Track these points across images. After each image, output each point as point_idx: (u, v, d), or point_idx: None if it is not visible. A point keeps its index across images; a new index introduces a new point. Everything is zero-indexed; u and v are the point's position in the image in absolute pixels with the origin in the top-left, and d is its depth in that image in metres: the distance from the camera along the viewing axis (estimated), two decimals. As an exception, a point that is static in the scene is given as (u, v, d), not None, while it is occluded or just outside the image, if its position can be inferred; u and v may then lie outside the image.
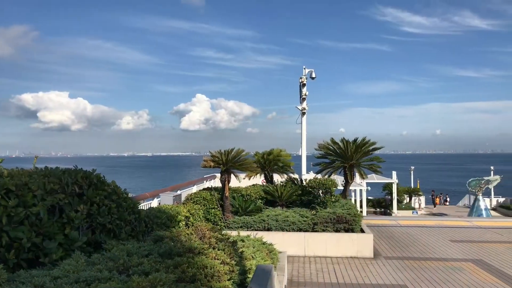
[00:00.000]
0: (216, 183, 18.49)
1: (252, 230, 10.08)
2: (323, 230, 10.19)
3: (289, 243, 9.86)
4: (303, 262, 9.42)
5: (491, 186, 34.13)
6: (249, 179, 13.32)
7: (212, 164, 10.84)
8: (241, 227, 10.30)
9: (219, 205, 10.79)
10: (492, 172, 39.62)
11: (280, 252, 7.55)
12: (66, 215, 4.93)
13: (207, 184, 17.40)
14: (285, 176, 14.27)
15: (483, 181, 32.32)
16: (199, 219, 9.86)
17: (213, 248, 4.95)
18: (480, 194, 32.00)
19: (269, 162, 13.95)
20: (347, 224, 10.20)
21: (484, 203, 31.87)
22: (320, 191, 11.72)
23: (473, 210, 31.18)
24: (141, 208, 8.18)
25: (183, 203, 10.93)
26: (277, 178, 14.55)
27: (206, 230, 5.46)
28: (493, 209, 35.30)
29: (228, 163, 10.79)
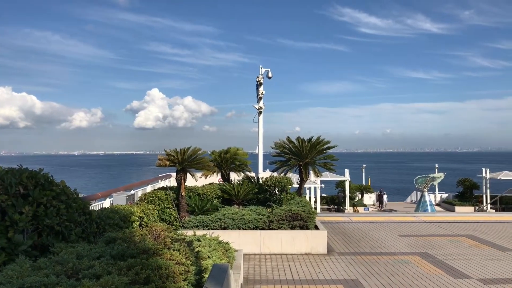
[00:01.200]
0: (172, 182, 18.19)
1: (208, 229, 10.01)
2: (279, 228, 10.32)
3: (245, 241, 9.90)
4: (259, 260, 9.49)
5: (435, 183, 36.22)
6: (206, 178, 13.22)
7: (167, 163, 10.64)
8: (197, 226, 10.20)
9: (174, 205, 10.62)
10: (436, 169, 42.03)
11: (236, 251, 7.56)
12: (9, 217, 4.64)
13: (162, 184, 17.07)
14: (242, 174, 14.30)
15: (428, 178, 34.21)
16: (153, 219, 9.65)
17: (168, 249, 4.87)
18: (426, 190, 33.85)
19: (226, 161, 13.92)
20: (302, 221, 10.40)
21: (429, 199, 33.75)
22: (276, 189, 11.86)
23: (420, 205, 32.93)
24: (92, 208, 7.87)
25: (137, 203, 10.65)
26: (234, 177, 14.55)
27: (160, 230, 5.36)
28: (437, 204, 37.45)
29: (184, 162, 10.64)
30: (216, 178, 15.28)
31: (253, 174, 14.79)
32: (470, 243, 11.15)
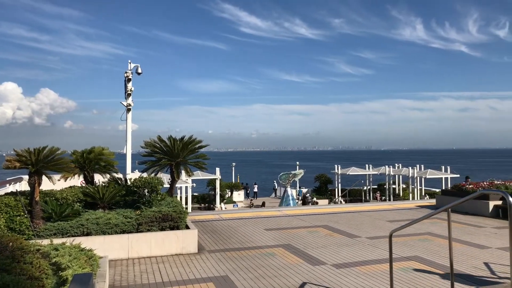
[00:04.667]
0: (24, 186, 16.11)
1: (68, 236, 9.13)
2: (148, 230, 9.99)
3: (111, 247, 9.33)
4: (126, 265, 9.04)
5: (297, 179, 39.66)
6: (65, 180, 12.03)
7: (17, 164, 9.35)
8: (55, 234, 9.21)
9: (27, 212, 9.40)
10: (297, 167, 46.06)
11: (101, 258, 7.08)
12: None
13: (11, 188, 14.95)
14: (108, 176, 13.42)
15: (290, 175, 37.26)
16: (0, 229, 8.39)
17: (18, 262, 4.29)
18: (289, 186, 36.78)
19: (89, 162, 12.86)
20: (173, 221, 10.26)
21: (292, 193, 36.77)
22: (146, 190, 11.45)
23: (283, 200, 35.62)
24: None
25: (-23, 212, 9.11)
26: (99, 179, 13.56)
27: (8, 242, 4.69)
28: (298, 198, 40.98)
29: (39, 163, 9.49)
30: (78, 181, 14.05)
31: (120, 175, 14.02)
32: (325, 233, 12.47)
